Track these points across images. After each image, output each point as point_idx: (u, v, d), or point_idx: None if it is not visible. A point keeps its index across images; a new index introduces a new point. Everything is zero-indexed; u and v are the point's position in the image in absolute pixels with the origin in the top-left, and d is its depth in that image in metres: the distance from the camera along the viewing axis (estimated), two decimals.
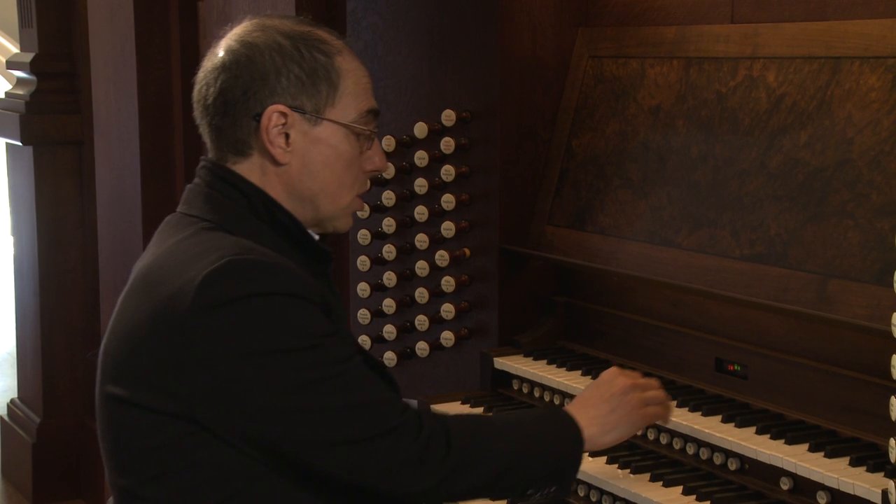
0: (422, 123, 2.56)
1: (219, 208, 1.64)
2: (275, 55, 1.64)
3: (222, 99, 1.65)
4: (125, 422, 1.57)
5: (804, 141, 2.05)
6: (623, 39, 2.45)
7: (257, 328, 1.50)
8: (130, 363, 1.56)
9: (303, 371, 1.51)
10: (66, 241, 4.34)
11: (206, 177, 1.68)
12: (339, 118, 1.67)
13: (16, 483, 4.57)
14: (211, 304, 1.50)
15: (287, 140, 1.65)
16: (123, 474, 1.59)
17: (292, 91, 1.64)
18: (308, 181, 1.67)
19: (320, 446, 1.52)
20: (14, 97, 4.40)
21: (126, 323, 1.58)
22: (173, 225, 1.67)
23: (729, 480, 1.95)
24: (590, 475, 2.04)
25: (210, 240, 1.58)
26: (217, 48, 1.68)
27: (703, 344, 2.18)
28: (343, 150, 1.68)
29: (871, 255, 1.88)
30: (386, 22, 2.64)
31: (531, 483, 1.69)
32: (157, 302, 1.54)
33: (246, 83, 1.64)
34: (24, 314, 4.53)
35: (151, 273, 1.58)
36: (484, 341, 2.52)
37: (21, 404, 4.62)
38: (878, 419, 1.80)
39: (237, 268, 1.52)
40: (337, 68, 1.67)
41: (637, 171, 2.34)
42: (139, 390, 1.54)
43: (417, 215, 2.57)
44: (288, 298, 1.52)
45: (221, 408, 1.51)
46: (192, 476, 1.54)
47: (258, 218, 1.65)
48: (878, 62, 1.96)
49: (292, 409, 1.51)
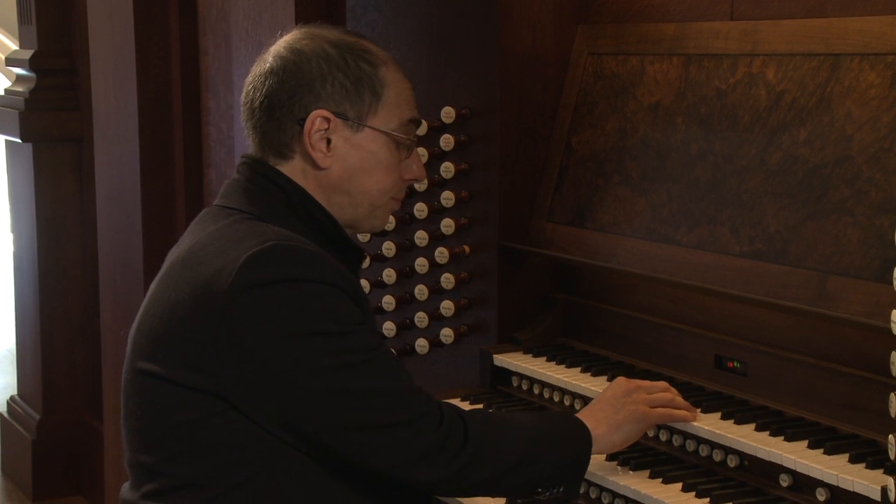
0: (421, 120, 2.56)
1: (256, 202, 1.69)
2: (321, 62, 1.70)
3: (268, 102, 1.71)
4: (156, 397, 1.61)
5: (804, 138, 2.05)
6: (622, 36, 2.45)
7: (294, 311, 1.55)
8: (167, 340, 1.60)
9: (335, 355, 1.56)
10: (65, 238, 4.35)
11: (245, 172, 1.74)
12: (381, 126, 1.73)
13: (16, 479, 4.57)
14: (251, 284, 1.54)
15: (328, 145, 1.71)
16: (148, 451, 1.63)
17: (336, 98, 1.70)
18: (347, 185, 1.73)
19: (344, 429, 1.57)
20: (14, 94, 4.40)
21: (164, 302, 1.62)
22: (212, 216, 1.72)
23: (728, 477, 1.95)
24: (590, 472, 2.03)
25: (252, 227, 1.63)
26: (266, 55, 1.75)
27: (703, 341, 2.18)
28: (382, 156, 1.74)
29: (870, 251, 1.88)
30: (385, 19, 2.64)
31: (540, 481, 1.72)
32: (197, 281, 1.58)
33: (292, 88, 1.70)
34: (24, 311, 4.53)
35: (192, 256, 1.63)
36: (483, 338, 2.53)
37: (21, 401, 4.62)
38: (877, 416, 1.80)
39: (280, 252, 1.57)
40: (381, 78, 1.74)
41: (636, 168, 2.34)
42: (174, 366, 1.58)
43: (417, 212, 2.57)
44: (325, 286, 1.58)
45: (252, 386, 1.55)
46: (217, 455, 1.58)
47: (294, 213, 1.70)
48: (878, 59, 1.96)
49: (321, 390, 1.55)
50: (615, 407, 1.87)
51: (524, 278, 2.54)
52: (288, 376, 1.55)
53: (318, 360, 1.55)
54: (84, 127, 4.22)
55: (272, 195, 1.70)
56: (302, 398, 1.55)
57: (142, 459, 1.64)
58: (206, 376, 1.56)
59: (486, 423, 1.70)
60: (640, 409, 1.88)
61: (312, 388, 1.55)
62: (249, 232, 1.62)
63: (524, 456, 1.70)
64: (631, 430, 1.88)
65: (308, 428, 1.57)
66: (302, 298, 1.56)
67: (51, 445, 4.37)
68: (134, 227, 3.58)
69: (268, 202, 1.70)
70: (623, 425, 1.86)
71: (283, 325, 1.55)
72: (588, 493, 2.07)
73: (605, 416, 1.85)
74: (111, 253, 3.76)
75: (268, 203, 1.69)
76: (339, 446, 1.58)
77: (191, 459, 1.59)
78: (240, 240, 1.60)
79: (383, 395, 1.59)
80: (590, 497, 2.06)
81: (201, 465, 1.58)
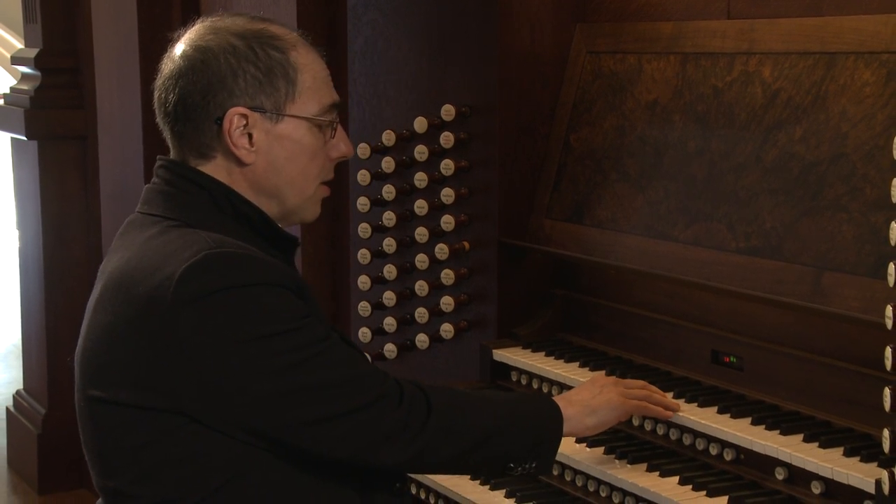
0: (421, 118, 2.58)
1: (180, 205, 1.65)
2: (229, 57, 1.64)
3: (182, 105, 1.66)
4: (110, 423, 1.59)
5: (799, 135, 2.06)
6: (620, 35, 2.46)
7: (237, 318, 1.53)
8: (111, 364, 1.58)
9: (284, 354, 1.54)
10: (70, 235, 4.37)
11: (164, 175, 1.69)
12: (301, 112, 1.67)
13: (22, 473, 4.60)
14: (191, 297, 1.52)
15: (251, 140, 1.66)
16: (112, 476, 1.60)
17: (250, 91, 1.64)
18: (274, 177, 1.68)
19: (305, 425, 1.55)
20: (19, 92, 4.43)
21: (103, 325, 1.60)
22: (137, 225, 1.68)
23: (724, 470, 1.97)
24: (586, 465, 2.06)
25: (181, 236, 1.59)
26: (173, 53, 1.69)
27: (699, 336, 2.20)
28: (307, 142, 1.69)
29: (865, 247, 1.89)
30: (386, 18, 2.65)
31: (510, 457, 1.72)
32: (134, 301, 1.55)
33: (204, 88, 1.64)
34: (30, 307, 4.56)
35: (124, 275, 1.59)
36: (483, 333, 2.55)
37: (27, 395, 4.65)
38: (871, 410, 1.81)
39: (214, 261, 1.54)
40: (293, 63, 1.67)
41: (634, 165, 2.36)
42: (122, 390, 1.56)
43: (417, 209, 2.59)
44: (265, 287, 1.55)
45: (208, 399, 1.53)
46: (185, 468, 1.56)
47: (221, 211, 1.65)
48: (873, 57, 1.98)
49: (277, 392, 1.54)
50: (592, 393, 1.90)
51: (523, 274, 2.55)
52: (242, 384, 1.53)
53: (268, 363, 1.53)
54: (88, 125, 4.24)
55: (195, 196, 1.65)
56: (259, 403, 1.53)
57: (108, 484, 1.62)
58: (159, 395, 1.54)
59: (451, 397, 1.69)
60: (617, 399, 1.91)
61: (268, 391, 1.53)
62: (180, 243, 1.57)
63: (492, 431, 1.69)
64: (605, 415, 1.89)
65: (269, 429, 1.55)
66: (243, 305, 1.53)
67: (56, 439, 4.40)
68: None
69: (191, 204, 1.65)
70: (598, 410, 1.88)
71: (228, 334, 1.52)
72: (586, 486, 2.09)
73: (581, 399, 1.87)
74: None
75: (192, 205, 1.65)
76: (302, 442, 1.57)
77: (159, 478, 1.57)
78: (171, 253, 1.56)
79: (339, 384, 1.57)
80: (587, 490, 2.09)
81: (171, 481, 1.56)
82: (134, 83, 3.56)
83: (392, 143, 2.63)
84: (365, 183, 2.67)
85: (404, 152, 2.63)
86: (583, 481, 2.10)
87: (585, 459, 2.06)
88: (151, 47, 3.54)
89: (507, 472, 1.76)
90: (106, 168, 3.83)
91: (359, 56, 2.70)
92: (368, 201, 2.66)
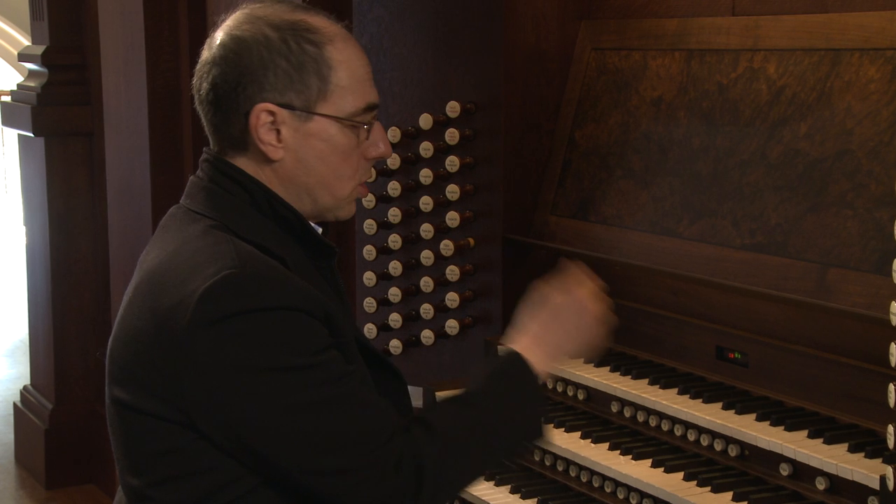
0: (427, 115, 2.59)
1: (221, 205, 1.62)
2: (262, 49, 1.58)
3: (213, 94, 1.61)
4: (132, 426, 1.58)
5: (804, 132, 2.06)
6: (625, 32, 2.47)
7: (254, 345, 1.49)
8: (134, 369, 1.57)
9: (296, 392, 1.50)
10: (77, 231, 4.38)
11: (208, 171, 1.66)
12: (333, 112, 1.60)
13: (29, 468, 4.62)
14: (209, 320, 1.48)
15: (278, 136, 1.61)
16: (134, 474, 1.60)
17: (280, 87, 1.58)
18: (303, 176, 1.63)
19: (302, 467, 1.52)
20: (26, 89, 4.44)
21: (130, 329, 1.58)
22: (178, 220, 1.66)
23: (729, 466, 1.98)
24: (592, 461, 2.07)
25: (214, 244, 1.56)
26: (212, 39, 1.64)
27: (704, 332, 2.20)
28: (338, 142, 1.62)
29: (869, 244, 1.90)
30: (391, 14, 2.66)
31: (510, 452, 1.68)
32: (159, 312, 1.53)
33: (235, 79, 1.59)
34: (37, 303, 4.58)
35: (156, 279, 1.57)
36: (488, 329, 2.55)
37: (34, 391, 4.67)
38: (876, 406, 1.81)
39: (235, 282, 1.50)
40: (327, 59, 1.59)
41: (639, 161, 2.36)
42: (143, 396, 1.55)
43: (423, 205, 2.60)
44: (286, 312, 1.50)
45: (216, 421, 1.51)
46: (198, 481, 1.55)
47: (261, 213, 1.62)
48: (878, 54, 1.98)
49: (281, 430, 1.50)
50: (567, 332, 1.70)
51: (528, 270, 2.55)
52: (248, 413, 1.49)
53: (277, 398, 1.49)
54: (95, 121, 4.26)
55: (236, 195, 1.61)
56: (262, 435, 1.50)
57: (130, 482, 1.61)
58: (173, 408, 1.52)
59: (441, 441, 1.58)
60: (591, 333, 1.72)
61: (271, 426, 1.50)
62: (209, 253, 1.53)
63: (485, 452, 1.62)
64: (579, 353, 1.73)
65: (272, 461, 1.53)
66: (261, 331, 1.48)
67: (63, 435, 4.42)
68: (144, 219, 3.62)
69: (233, 205, 1.61)
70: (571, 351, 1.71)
71: (241, 361, 1.48)
72: (591, 481, 2.10)
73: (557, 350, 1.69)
74: (121, 245, 3.80)
75: (233, 206, 1.61)
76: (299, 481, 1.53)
77: (174, 485, 1.56)
78: (198, 265, 1.52)
79: (343, 436, 1.51)
80: (593, 485, 2.09)
81: (183, 490, 1.55)
82: (140, 79, 3.57)
83: (397, 139, 2.63)
84: (370, 179, 2.67)
85: (409, 149, 2.63)
86: (587, 476, 2.11)
87: (590, 455, 2.07)
88: (157, 42, 3.55)
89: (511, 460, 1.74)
90: (112, 164, 3.84)
91: None
92: (374, 198, 2.66)
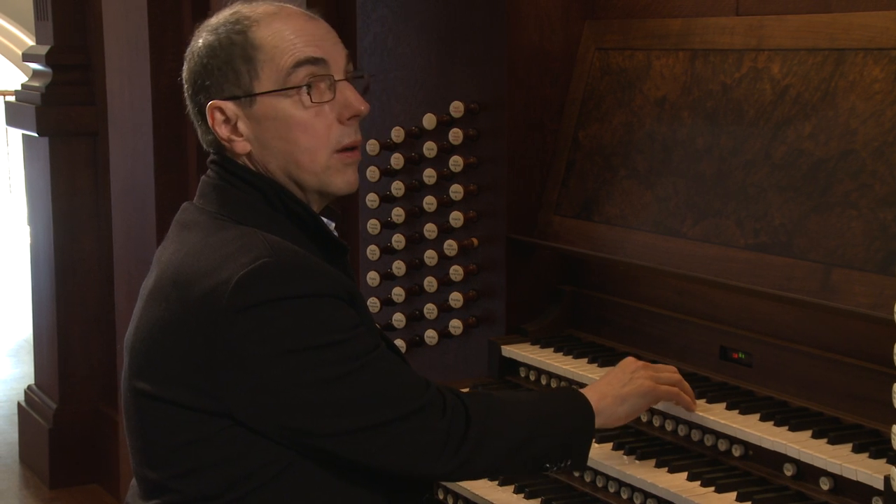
0: (430, 115, 2.59)
1: (235, 204, 1.65)
2: (203, 55, 1.65)
3: (190, 108, 1.70)
4: (156, 418, 1.60)
5: (808, 132, 2.06)
6: (629, 32, 2.47)
7: (290, 328, 1.54)
8: (161, 361, 1.58)
9: (334, 365, 1.55)
10: (81, 231, 4.39)
11: (217, 170, 1.70)
12: (269, 87, 1.61)
13: (33, 467, 4.63)
14: (245, 305, 1.52)
15: (237, 130, 1.65)
16: (153, 468, 1.61)
17: (217, 83, 1.63)
18: (273, 160, 1.65)
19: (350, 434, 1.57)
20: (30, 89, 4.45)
21: (155, 319, 1.60)
22: (194, 218, 1.68)
23: (733, 466, 1.97)
24: (596, 461, 2.07)
25: (241, 237, 1.59)
26: None
27: (708, 332, 2.20)
28: (291, 115, 1.62)
29: (874, 244, 1.89)
30: (395, 14, 2.66)
31: (546, 458, 1.72)
32: (189, 302, 1.55)
33: (193, 91, 1.68)
34: (41, 302, 4.59)
35: (180, 271, 1.59)
36: (491, 329, 2.55)
37: (38, 390, 4.68)
38: (880, 406, 1.81)
39: (271, 271, 1.54)
40: (251, 41, 1.61)
41: (643, 161, 2.36)
42: (171, 387, 1.57)
43: (426, 205, 2.60)
44: (318, 298, 1.55)
45: (256, 404, 1.55)
46: (224, 469, 1.57)
47: (275, 210, 1.65)
48: (882, 54, 1.97)
49: (324, 401, 1.55)
50: (622, 381, 1.87)
51: (532, 270, 2.56)
52: (291, 392, 1.54)
53: (317, 373, 1.54)
54: (99, 121, 4.27)
55: (248, 194, 1.64)
56: (306, 411, 1.55)
57: (148, 475, 1.63)
58: (207, 397, 1.55)
59: (488, 405, 1.69)
60: (647, 384, 1.88)
61: (315, 400, 1.55)
62: (238, 244, 1.57)
63: (527, 435, 1.69)
64: (636, 403, 1.87)
65: (314, 437, 1.57)
66: (297, 315, 1.54)
67: (67, 434, 4.43)
68: (148, 219, 3.62)
69: (247, 204, 1.64)
70: (628, 398, 1.85)
71: (281, 343, 1.53)
72: (594, 481, 2.10)
73: (611, 389, 1.84)
74: (125, 245, 3.81)
75: (246, 204, 1.64)
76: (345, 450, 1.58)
77: (198, 475, 1.58)
78: (229, 255, 1.55)
79: (384, 394, 1.58)
80: (596, 486, 2.09)
81: (209, 479, 1.58)
82: (144, 79, 3.58)
83: (401, 139, 2.64)
84: (374, 179, 2.68)
85: (413, 149, 2.63)
86: (591, 477, 2.11)
87: (594, 455, 2.06)
88: (161, 42, 3.56)
89: (543, 471, 1.76)
90: (116, 164, 3.85)
91: (368, 53, 2.70)
92: (377, 197, 2.66)
